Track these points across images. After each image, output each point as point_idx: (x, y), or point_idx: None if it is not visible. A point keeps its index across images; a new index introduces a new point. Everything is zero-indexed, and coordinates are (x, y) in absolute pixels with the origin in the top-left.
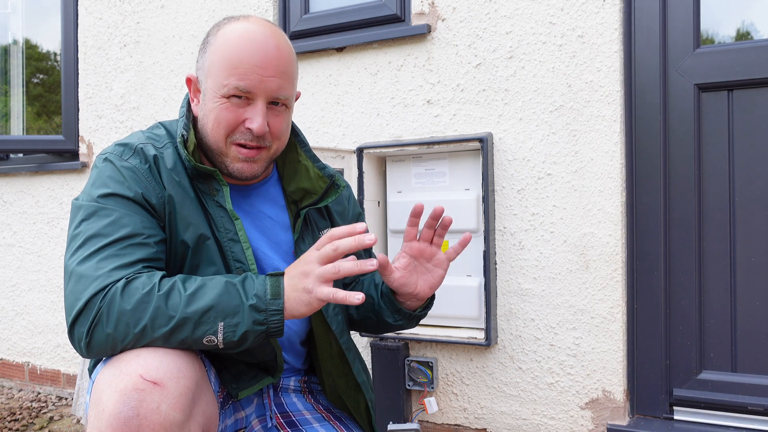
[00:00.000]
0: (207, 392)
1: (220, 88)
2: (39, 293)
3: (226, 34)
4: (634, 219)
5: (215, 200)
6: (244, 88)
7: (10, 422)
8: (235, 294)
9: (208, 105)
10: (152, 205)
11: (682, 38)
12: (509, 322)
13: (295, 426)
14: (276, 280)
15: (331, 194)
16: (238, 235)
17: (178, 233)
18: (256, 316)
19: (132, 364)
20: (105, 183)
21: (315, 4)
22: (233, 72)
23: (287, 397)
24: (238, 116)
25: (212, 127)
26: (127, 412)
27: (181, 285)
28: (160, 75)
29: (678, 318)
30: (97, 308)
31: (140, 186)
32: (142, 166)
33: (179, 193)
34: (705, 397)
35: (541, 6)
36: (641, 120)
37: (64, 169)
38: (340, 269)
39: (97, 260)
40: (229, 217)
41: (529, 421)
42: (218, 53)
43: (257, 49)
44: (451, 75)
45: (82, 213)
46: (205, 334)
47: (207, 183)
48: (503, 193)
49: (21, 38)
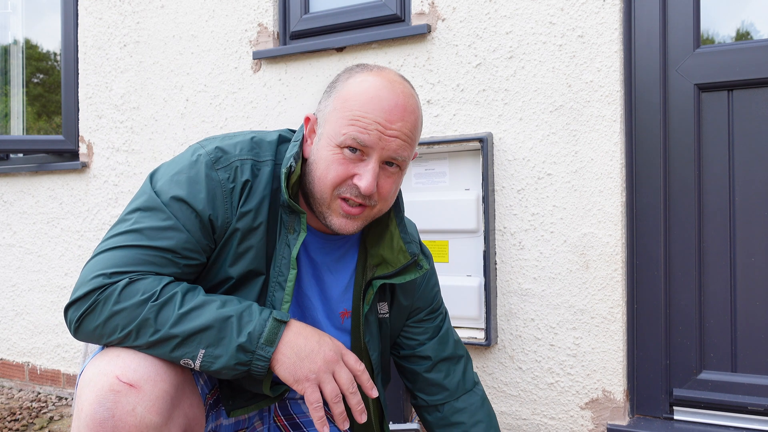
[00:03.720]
0: (190, 395)
1: (337, 137)
2: (39, 293)
3: (355, 84)
4: (634, 219)
5: (288, 238)
6: (362, 141)
7: (10, 422)
8: (229, 326)
9: (321, 151)
10: (214, 227)
11: (682, 38)
12: (509, 322)
13: (298, 428)
14: (276, 326)
15: (410, 273)
16: (286, 284)
17: (226, 262)
18: (241, 356)
19: (111, 364)
20: (182, 183)
21: (315, 4)
22: (354, 123)
23: (293, 402)
24: (348, 170)
25: (320, 176)
26: (103, 413)
27: (180, 299)
28: (160, 75)
29: (678, 318)
30: (93, 300)
31: (213, 203)
32: (227, 183)
33: (248, 223)
34: (705, 397)
35: (541, 6)
36: (641, 120)
37: (64, 169)
38: (336, 404)
39: (121, 254)
40: (288, 262)
41: (529, 421)
42: (342, 101)
43: (384, 105)
44: (451, 75)
45: (143, 201)
46: (183, 356)
47: (291, 218)
48: (503, 193)
49: (21, 38)
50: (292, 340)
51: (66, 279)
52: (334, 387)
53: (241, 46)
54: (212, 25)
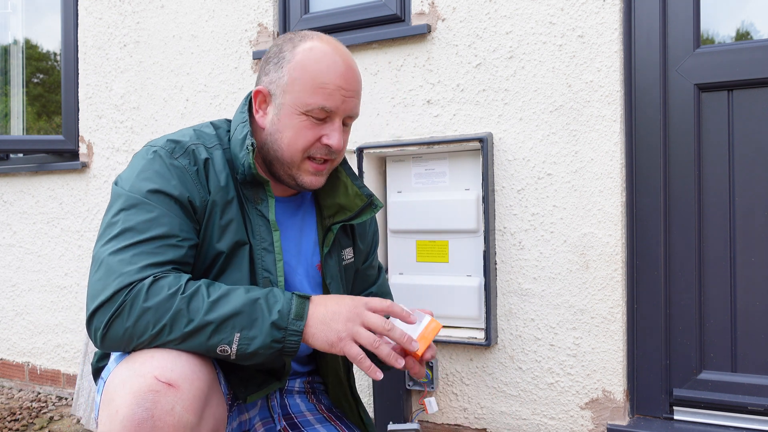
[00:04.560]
0: (217, 395)
1: (303, 106)
2: (39, 293)
3: (306, 52)
4: (634, 219)
5: (257, 209)
6: (329, 108)
7: (10, 422)
8: (258, 307)
9: (283, 120)
10: (195, 208)
11: (682, 38)
12: (509, 322)
13: (297, 428)
14: (302, 302)
15: (367, 213)
16: (273, 246)
17: (213, 239)
18: (275, 333)
19: (146, 365)
20: (151, 178)
21: (315, 4)
22: (319, 92)
23: (291, 399)
24: (316, 133)
25: (289, 142)
26: (142, 414)
27: (205, 290)
28: (160, 75)
29: (678, 318)
30: (121, 301)
31: (186, 187)
32: (191, 167)
33: (222, 197)
34: (705, 397)
35: (541, 6)
36: (641, 120)
37: (64, 169)
38: (378, 348)
39: (129, 255)
40: (267, 227)
41: (529, 421)
42: (300, 71)
43: (340, 71)
44: (451, 75)
45: (123, 202)
46: (220, 342)
47: (254, 191)
48: (503, 193)
49: (21, 38)
50: (317, 311)
51: (66, 279)
52: (368, 335)
53: (241, 46)
54: (212, 25)
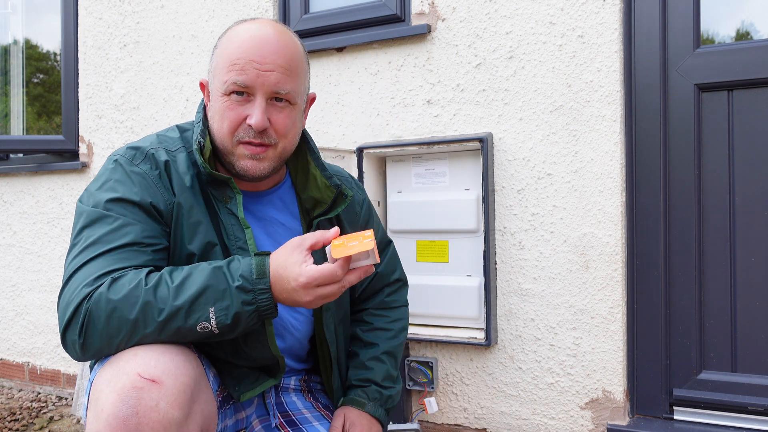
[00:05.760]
0: (206, 391)
1: (221, 86)
2: (39, 293)
3: (231, 34)
4: (634, 219)
5: (228, 207)
6: (242, 82)
7: (10, 422)
8: (222, 278)
9: (213, 106)
10: (159, 212)
11: (682, 38)
12: (509, 322)
13: (295, 425)
14: (261, 260)
15: (339, 204)
16: (247, 244)
17: (184, 241)
18: (244, 296)
19: (130, 363)
20: (113, 187)
21: (315, 4)
22: (232, 68)
23: (287, 396)
24: (239, 114)
25: (218, 127)
26: (126, 411)
27: (168, 277)
28: (160, 75)
29: (678, 318)
30: (84, 310)
31: (149, 192)
32: (152, 172)
33: (189, 199)
34: (705, 397)
35: (541, 6)
36: (641, 120)
37: (64, 169)
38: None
39: (92, 268)
40: (240, 226)
41: (529, 421)
42: (219, 52)
43: (256, 45)
44: (451, 75)
45: (84, 219)
46: (198, 321)
47: (221, 190)
48: (503, 193)
49: (21, 38)
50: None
51: None
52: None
53: None
54: (212, 25)
